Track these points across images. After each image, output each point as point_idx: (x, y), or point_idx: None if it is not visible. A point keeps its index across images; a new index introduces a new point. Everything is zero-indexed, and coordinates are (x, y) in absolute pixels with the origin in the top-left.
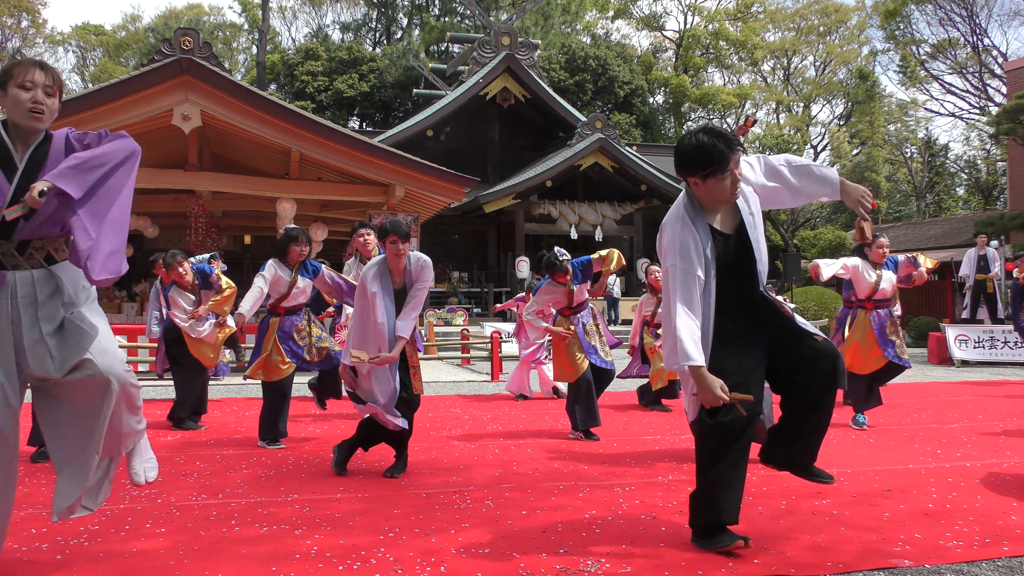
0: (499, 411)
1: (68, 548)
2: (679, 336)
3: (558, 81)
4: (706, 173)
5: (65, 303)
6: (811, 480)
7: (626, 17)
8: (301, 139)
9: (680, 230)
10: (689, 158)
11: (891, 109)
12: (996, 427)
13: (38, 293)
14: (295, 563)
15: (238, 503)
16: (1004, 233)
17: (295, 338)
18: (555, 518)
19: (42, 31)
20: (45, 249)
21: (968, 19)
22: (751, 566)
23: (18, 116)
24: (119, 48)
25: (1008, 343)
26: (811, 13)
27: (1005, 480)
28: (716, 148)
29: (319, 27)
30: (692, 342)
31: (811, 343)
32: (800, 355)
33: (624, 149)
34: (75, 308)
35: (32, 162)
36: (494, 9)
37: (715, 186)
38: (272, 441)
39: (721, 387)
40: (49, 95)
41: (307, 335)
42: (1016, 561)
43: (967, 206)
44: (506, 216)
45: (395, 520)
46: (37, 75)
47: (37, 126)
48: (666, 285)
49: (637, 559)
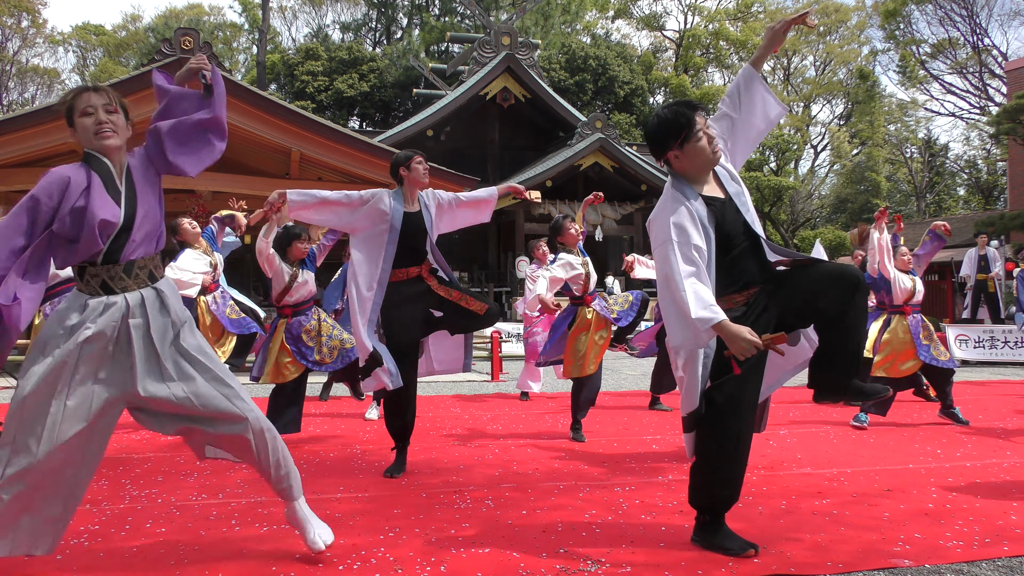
0: (499, 411)
1: (68, 548)
2: (688, 302)
3: (558, 81)
4: (680, 139)
5: (173, 321)
6: (863, 399)
7: (626, 17)
8: (301, 139)
9: (671, 206)
10: (659, 134)
11: (891, 109)
12: (996, 427)
13: (149, 312)
14: (295, 563)
15: (238, 503)
16: (1004, 233)
17: (303, 339)
18: (555, 518)
19: (42, 31)
20: (147, 268)
21: (968, 19)
22: (751, 566)
23: (90, 142)
24: (119, 48)
25: (1008, 343)
26: (811, 13)
27: (1005, 480)
28: (679, 113)
29: (319, 27)
30: (702, 303)
31: (828, 266)
32: (819, 279)
33: (624, 149)
34: (181, 325)
35: (129, 181)
36: (494, 9)
37: (693, 149)
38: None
39: (750, 333)
40: (110, 112)
41: (316, 335)
42: (1016, 561)
43: (967, 206)
44: (506, 216)
45: (395, 520)
46: (93, 98)
47: (111, 144)
48: (661, 268)
49: (637, 559)
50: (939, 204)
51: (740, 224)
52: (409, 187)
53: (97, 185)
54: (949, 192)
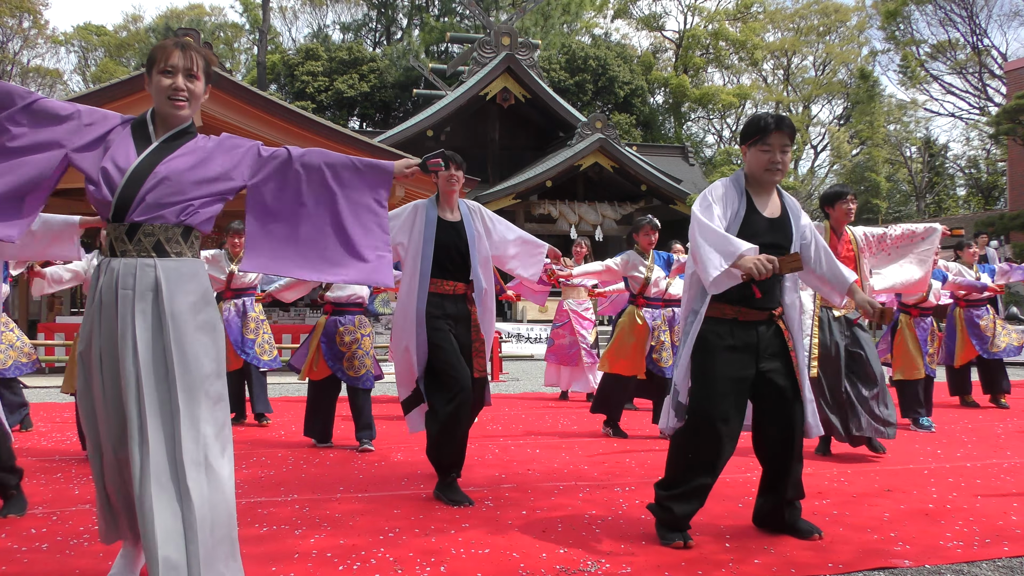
0: (499, 411)
1: (68, 548)
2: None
3: (558, 81)
4: (751, 141)
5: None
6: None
7: (626, 17)
8: (301, 139)
9: (716, 188)
10: (745, 128)
11: (891, 109)
12: (996, 427)
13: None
14: (295, 563)
15: (238, 503)
16: (1004, 233)
17: (336, 340)
18: (555, 518)
19: (44, 32)
20: (156, 237)
21: (968, 19)
22: (751, 566)
23: (160, 103)
24: (120, 48)
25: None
26: (811, 13)
27: (1005, 480)
28: (765, 119)
29: (319, 27)
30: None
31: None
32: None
33: (624, 149)
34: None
35: (167, 141)
36: (494, 9)
37: (756, 155)
38: (319, 440)
39: (767, 257)
40: (192, 78)
41: (351, 341)
42: (1016, 561)
43: (967, 206)
44: (506, 216)
45: (395, 520)
46: (176, 58)
47: (178, 114)
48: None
49: (637, 559)
50: (939, 204)
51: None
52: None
53: (127, 134)
54: (949, 192)
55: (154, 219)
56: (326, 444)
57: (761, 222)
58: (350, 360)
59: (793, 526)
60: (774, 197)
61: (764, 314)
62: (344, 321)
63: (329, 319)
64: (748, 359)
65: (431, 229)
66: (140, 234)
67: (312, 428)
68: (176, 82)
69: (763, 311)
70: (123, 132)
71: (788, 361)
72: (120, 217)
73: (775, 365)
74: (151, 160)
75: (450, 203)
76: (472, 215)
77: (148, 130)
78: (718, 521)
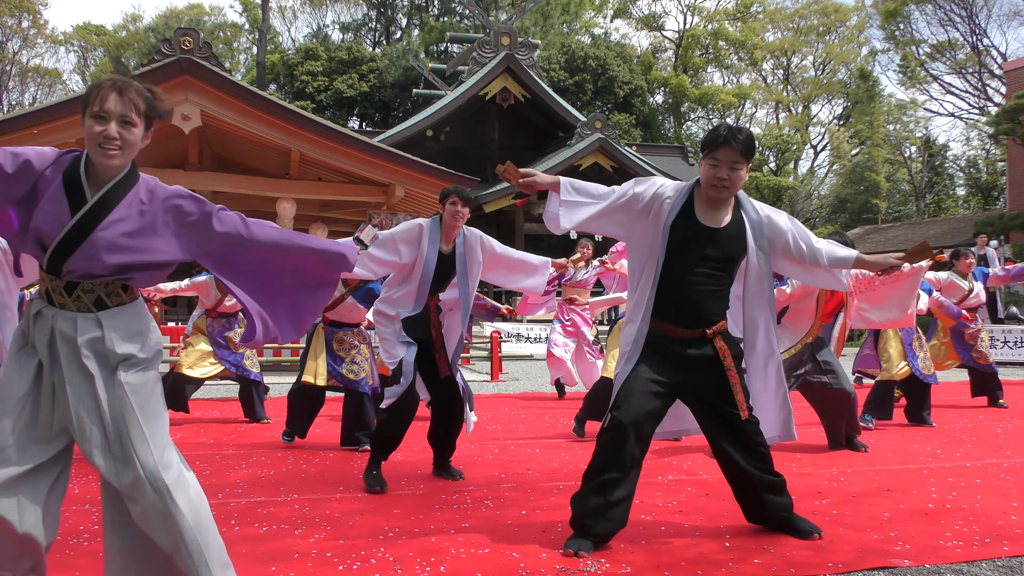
0: (499, 411)
1: (68, 548)
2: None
3: (558, 81)
4: (703, 152)
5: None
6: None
7: (625, 17)
8: (301, 139)
9: (657, 184)
10: (704, 136)
11: (891, 109)
12: (996, 427)
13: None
14: (295, 563)
15: (238, 503)
16: (1004, 233)
17: (335, 348)
18: (555, 518)
19: (43, 31)
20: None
21: (968, 19)
22: (751, 566)
23: (91, 150)
24: (120, 48)
25: (1008, 343)
26: (811, 13)
27: (1005, 480)
28: (718, 130)
29: (319, 27)
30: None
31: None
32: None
33: (624, 149)
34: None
35: (102, 201)
36: (494, 9)
37: (705, 168)
38: (286, 436)
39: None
40: (127, 125)
41: (349, 348)
42: (1016, 561)
43: (967, 206)
44: (506, 216)
45: (395, 520)
46: (112, 102)
47: (110, 163)
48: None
49: (637, 559)
50: (938, 204)
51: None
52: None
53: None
54: (948, 192)
55: (92, 278)
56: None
57: (697, 230)
58: (349, 364)
59: (792, 525)
60: (725, 208)
61: (696, 332)
62: (344, 330)
63: (327, 328)
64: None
65: (430, 266)
66: (79, 291)
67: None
68: (108, 130)
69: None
70: (54, 182)
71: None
72: (56, 272)
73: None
74: (86, 223)
75: (450, 237)
76: (470, 246)
77: (81, 183)
78: (718, 521)
